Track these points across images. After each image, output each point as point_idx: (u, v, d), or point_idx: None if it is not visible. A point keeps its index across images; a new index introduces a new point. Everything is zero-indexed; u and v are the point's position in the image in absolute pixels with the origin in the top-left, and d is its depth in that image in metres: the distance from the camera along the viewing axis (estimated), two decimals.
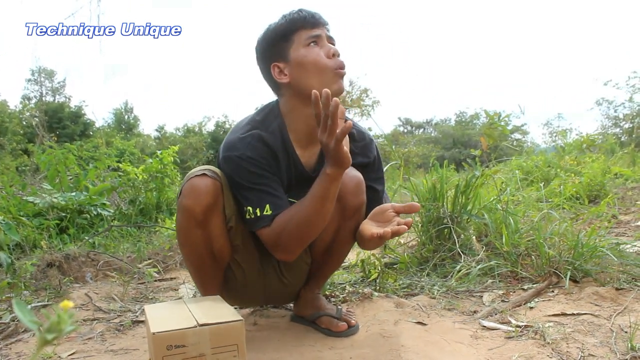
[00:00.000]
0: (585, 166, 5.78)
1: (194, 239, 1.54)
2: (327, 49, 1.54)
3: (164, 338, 1.06)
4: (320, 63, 1.52)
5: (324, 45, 1.55)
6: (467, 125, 35.24)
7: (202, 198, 1.47)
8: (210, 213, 1.50)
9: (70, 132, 23.09)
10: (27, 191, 4.41)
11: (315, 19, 1.55)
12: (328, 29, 1.59)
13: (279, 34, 1.55)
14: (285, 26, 1.54)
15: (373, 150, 1.78)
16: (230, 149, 1.52)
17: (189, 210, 1.48)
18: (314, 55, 1.52)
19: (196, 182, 1.48)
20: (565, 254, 2.23)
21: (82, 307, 2.17)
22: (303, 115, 1.58)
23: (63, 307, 0.32)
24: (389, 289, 2.21)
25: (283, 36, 1.54)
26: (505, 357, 1.46)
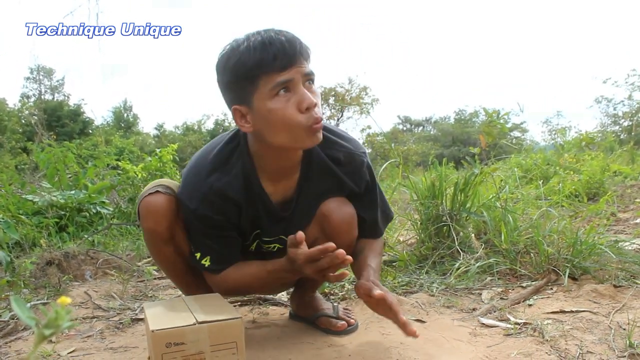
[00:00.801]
0: (585, 164, 5.78)
1: (165, 255, 1.52)
2: (299, 98, 1.26)
3: (163, 336, 1.06)
4: (289, 120, 1.26)
5: (297, 92, 1.26)
6: (467, 123, 35.25)
7: (161, 219, 1.43)
8: (174, 229, 1.47)
9: (69, 131, 23.07)
10: (26, 189, 4.40)
11: (287, 57, 1.23)
12: (306, 63, 1.28)
13: (241, 75, 1.25)
14: (249, 66, 1.23)
15: (364, 175, 1.57)
16: (187, 197, 1.42)
17: (152, 232, 1.45)
18: (281, 110, 1.26)
19: (151, 203, 1.43)
20: (564, 252, 2.23)
21: (82, 305, 2.17)
22: (273, 157, 1.42)
23: (60, 304, 0.32)
24: (388, 286, 2.21)
25: (245, 78, 1.25)
26: (504, 354, 1.46)
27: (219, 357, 1.12)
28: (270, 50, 1.21)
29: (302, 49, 1.26)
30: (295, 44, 1.24)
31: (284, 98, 1.25)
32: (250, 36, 1.26)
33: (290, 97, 1.26)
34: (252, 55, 1.22)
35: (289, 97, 1.26)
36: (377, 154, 26.34)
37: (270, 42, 1.22)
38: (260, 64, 1.22)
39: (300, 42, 1.26)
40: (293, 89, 1.26)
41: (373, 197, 1.62)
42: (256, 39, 1.23)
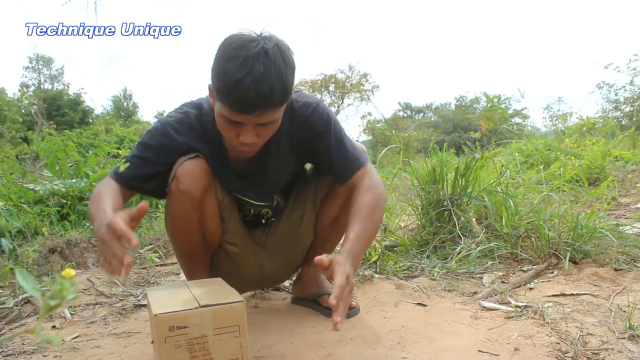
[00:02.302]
0: (586, 149, 5.77)
1: (190, 223, 1.54)
2: (240, 133, 1.34)
3: (166, 319, 1.07)
4: (226, 136, 1.40)
5: (241, 129, 1.33)
6: (467, 110, 35.15)
7: (199, 180, 1.47)
8: (207, 194, 1.51)
9: (69, 120, 23.04)
10: (27, 179, 4.41)
11: (245, 106, 1.26)
12: (267, 113, 1.29)
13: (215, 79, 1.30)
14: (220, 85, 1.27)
15: (321, 116, 1.53)
16: (167, 116, 1.55)
17: (187, 194, 1.47)
18: (223, 127, 1.36)
19: (191, 165, 1.47)
20: (564, 236, 2.24)
21: (85, 292, 2.18)
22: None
23: (65, 275, 0.33)
24: (390, 271, 2.22)
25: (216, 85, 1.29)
26: (505, 336, 1.47)
27: (221, 341, 1.12)
28: (235, 91, 1.23)
29: (270, 100, 1.26)
30: (263, 96, 1.23)
31: (228, 121, 1.33)
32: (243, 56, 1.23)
33: (234, 127, 1.33)
34: (226, 80, 1.24)
35: (233, 125, 1.33)
36: (377, 141, 26.31)
37: (241, 83, 1.22)
38: (225, 94, 1.26)
39: (271, 94, 1.24)
40: (238, 128, 1.33)
41: (338, 136, 1.55)
42: (241, 67, 1.22)
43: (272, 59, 1.24)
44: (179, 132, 1.49)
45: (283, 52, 1.28)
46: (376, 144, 27.03)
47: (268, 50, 1.25)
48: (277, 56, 1.26)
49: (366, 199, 1.45)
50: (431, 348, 1.43)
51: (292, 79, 1.31)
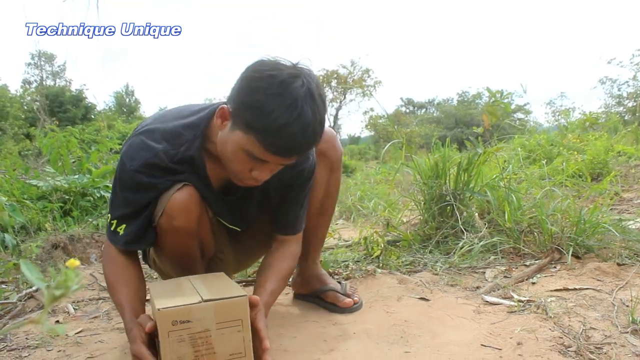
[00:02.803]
0: (588, 144, 5.75)
1: (188, 250, 1.48)
2: (257, 171, 1.28)
3: (169, 314, 1.07)
4: (236, 168, 1.30)
5: (261, 167, 1.27)
6: (470, 105, 35.09)
7: (193, 211, 1.39)
8: (200, 220, 1.44)
9: (71, 116, 23.06)
10: (30, 175, 4.42)
11: (285, 151, 1.20)
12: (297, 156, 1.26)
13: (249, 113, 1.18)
14: (256, 123, 1.17)
15: (309, 169, 1.54)
16: (129, 156, 1.36)
17: (183, 229, 1.39)
18: (238, 160, 1.27)
19: (181, 198, 1.35)
20: (567, 231, 2.24)
21: (88, 287, 2.19)
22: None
23: (69, 265, 0.33)
24: (392, 265, 2.22)
25: (248, 120, 1.19)
26: (507, 330, 1.47)
27: (224, 335, 1.13)
28: (280, 135, 1.16)
29: (312, 146, 1.26)
30: (308, 142, 1.21)
31: (250, 156, 1.24)
32: (290, 97, 1.15)
33: (253, 162, 1.25)
34: (270, 120, 1.15)
35: (253, 161, 1.25)
36: (380, 137, 26.29)
37: (289, 128, 1.15)
38: (266, 135, 1.17)
39: (314, 140, 1.22)
40: (260, 166, 1.27)
41: (302, 196, 1.56)
42: (289, 111, 1.14)
43: (316, 102, 1.18)
44: (153, 176, 1.35)
45: (322, 91, 1.22)
46: (378, 139, 27.04)
47: (313, 91, 1.17)
48: (319, 98, 1.19)
49: (288, 265, 1.54)
50: (434, 342, 1.43)
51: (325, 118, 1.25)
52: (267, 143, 1.17)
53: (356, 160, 15.58)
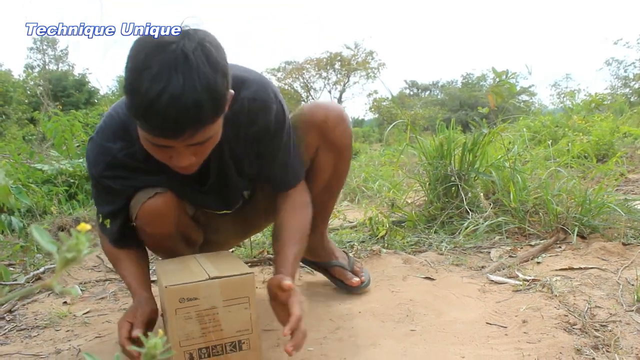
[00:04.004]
0: (594, 125, 5.72)
1: (169, 247, 1.46)
2: (168, 154, 1.11)
3: (176, 291, 1.08)
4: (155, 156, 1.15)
5: (170, 152, 1.10)
6: (474, 87, 34.86)
7: (166, 218, 1.33)
8: (179, 220, 1.40)
9: (74, 101, 23.01)
10: (35, 159, 4.42)
11: (167, 131, 1.02)
12: (196, 133, 1.04)
13: (132, 108, 1.02)
14: (138, 111, 1.00)
15: (274, 112, 1.31)
16: (92, 161, 1.30)
17: (158, 235, 1.37)
18: (149, 148, 1.12)
19: (154, 206, 1.30)
20: (572, 211, 2.23)
21: (94, 269, 2.20)
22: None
23: (80, 229, 0.33)
24: (397, 245, 2.23)
25: (131, 110, 1.04)
26: (513, 309, 1.47)
27: (231, 312, 1.13)
28: (151, 114, 0.98)
29: (198, 119, 1.01)
30: (187, 116, 0.99)
31: (154, 145, 1.10)
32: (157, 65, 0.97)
33: (163, 150, 1.10)
34: (139, 99, 0.99)
35: (161, 149, 1.10)
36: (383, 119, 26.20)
37: (157, 103, 0.96)
38: (141, 117, 1.01)
39: (197, 111, 0.99)
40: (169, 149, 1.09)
41: (281, 146, 1.37)
42: (155, 82, 0.96)
43: (194, 66, 0.98)
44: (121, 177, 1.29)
45: (209, 52, 1.01)
46: (382, 122, 26.95)
47: (188, 54, 0.98)
48: (201, 59, 0.99)
49: (303, 220, 1.42)
50: (439, 321, 1.44)
51: (224, 84, 1.04)
52: (148, 127, 1.02)
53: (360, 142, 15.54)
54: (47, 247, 0.32)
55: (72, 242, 0.31)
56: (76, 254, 0.31)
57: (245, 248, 2.33)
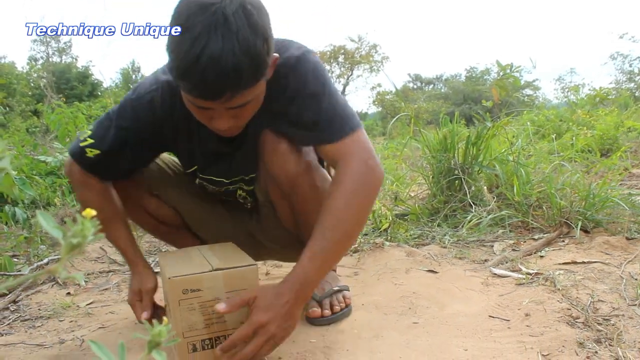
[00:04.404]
0: (598, 120, 5.70)
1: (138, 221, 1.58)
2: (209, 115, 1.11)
3: (179, 282, 1.08)
4: (197, 117, 1.15)
5: (211, 113, 1.10)
6: (478, 81, 34.76)
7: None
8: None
9: (78, 93, 23.01)
10: (39, 151, 4.42)
11: (205, 93, 1.03)
12: (236, 95, 1.03)
13: (173, 69, 1.03)
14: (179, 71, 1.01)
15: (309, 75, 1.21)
16: (135, 89, 1.30)
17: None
18: (191, 109, 1.12)
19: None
20: (576, 205, 2.23)
21: (97, 260, 2.21)
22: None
23: (86, 215, 0.33)
24: (400, 238, 2.23)
25: (172, 71, 1.05)
26: (516, 302, 1.47)
27: None
28: (191, 75, 0.99)
29: (237, 82, 1.01)
30: (226, 78, 0.99)
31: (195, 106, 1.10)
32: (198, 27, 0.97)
33: (203, 111, 1.11)
34: (179, 59, 0.99)
35: (202, 110, 1.10)
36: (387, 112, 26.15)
37: (197, 65, 0.97)
38: (181, 78, 1.02)
39: (237, 74, 0.99)
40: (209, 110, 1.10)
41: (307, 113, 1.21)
42: (195, 43, 0.97)
43: (234, 28, 0.97)
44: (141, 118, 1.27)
45: (249, 14, 0.99)
46: (386, 115, 26.91)
47: (228, 16, 0.97)
48: (242, 22, 0.98)
49: (342, 200, 1.14)
50: (442, 313, 1.44)
51: (265, 47, 1.02)
52: (187, 88, 1.03)
53: None
54: (53, 232, 0.32)
55: (78, 228, 0.31)
56: (81, 240, 0.31)
57: None
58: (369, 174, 1.17)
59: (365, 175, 1.17)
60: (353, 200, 1.14)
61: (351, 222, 1.16)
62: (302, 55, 1.21)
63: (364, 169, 1.17)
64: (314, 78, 1.20)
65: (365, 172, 1.17)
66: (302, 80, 1.19)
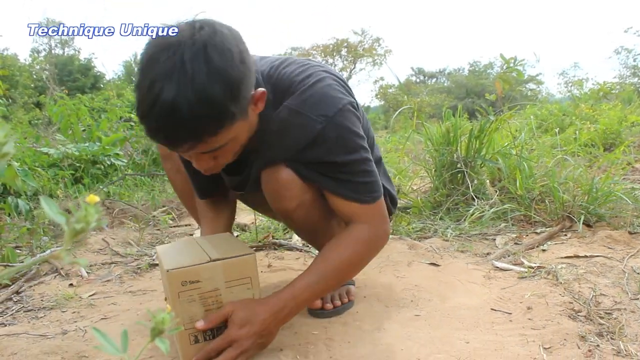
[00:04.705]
0: (602, 114, 5.68)
1: (167, 173, 1.62)
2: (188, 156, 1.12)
3: (178, 275, 1.08)
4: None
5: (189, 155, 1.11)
6: (481, 75, 34.65)
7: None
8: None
9: (80, 85, 22.99)
10: (41, 143, 4.43)
11: (169, 146, 1.01)
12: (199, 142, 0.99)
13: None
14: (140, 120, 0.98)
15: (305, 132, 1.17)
16: None
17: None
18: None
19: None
20: (579, 199, 2.22)
21: (100, 252, 2.21)
22: None
23: (89, 201, 0.33)
24: (403, 231, 2.23)
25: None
26: (518, 295, 1.47)
27: (234, 293, 1.14)
28: (146, 128, 0.98)
29: (194, 135, 0.97)
30: (177, 134, 0.96)
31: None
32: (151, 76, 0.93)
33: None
34: (137, 110, 0.97)
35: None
36: (390, 106, 26.10)
37: (148, 119, 0.95)
38: (144, 128, 0.99)
39: (192, 128, 0.95)
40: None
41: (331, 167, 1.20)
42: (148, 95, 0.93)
43: (189, 75, 0.91)
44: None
45: (209, 59, 0.93)
46: (388, 108, 26.84)
47: (186, 62, 0.91)
48: (199, 67, 0.92)
49: (347, 253, 1.21)
50: (444, 306, 1.44)
51: (227, 94, 0.95)
52: (147, 134, 0.99)
53: None
54: (56, 218, 0.32)
55: (81, 214, 0.31)
56: (85, 226, 0.31)
57: (251, 232, 2.33)
58: (382, 239, 1.29)
59: (380, 239, 1.28)
60: (359, 258, 1.25)
61: (350, 274, 1.29)
62: (334, 119, 1.15)
63: (381, 234, 1.27)
64: (345, 148, 1.18)
65: (382, 237, 1.28)
66: (331, 150, 1.17)
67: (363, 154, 1.21)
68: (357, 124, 1.21)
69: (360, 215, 1.23)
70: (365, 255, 1.26)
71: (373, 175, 1.23)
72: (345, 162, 1.18)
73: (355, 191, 1.21)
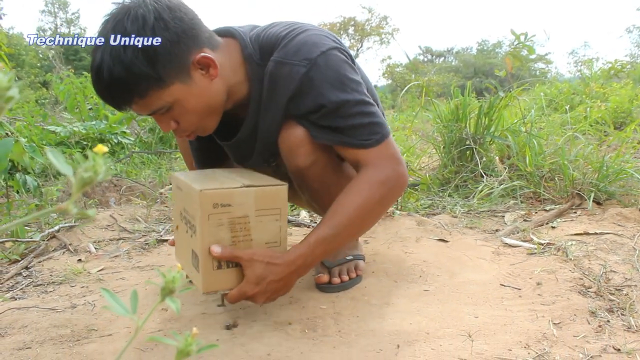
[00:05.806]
0: (612, 92, 5.60)
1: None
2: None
3: (212, 195, 1.04)
4: None
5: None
6: (489, 54, 34.33)
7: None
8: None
9: (86, 64, 22.91)
10: (48, 122, 4.43)
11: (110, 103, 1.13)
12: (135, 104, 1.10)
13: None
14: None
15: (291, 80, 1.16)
16: None
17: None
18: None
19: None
20: (589, 176, 2.20)
21: (108, 228, 2.22)
22: None
23: (97, 151, 0.31)
24: (411, 208, 2.22)
25: None
26: (527, 271, 1.46)
27: (262, 222, 1.11)
28: (100, 98, 1.12)
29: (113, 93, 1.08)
30: (107, 91, 1.08)
31: None
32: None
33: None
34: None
35: None
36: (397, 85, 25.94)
37: (92, 81, 1.09)
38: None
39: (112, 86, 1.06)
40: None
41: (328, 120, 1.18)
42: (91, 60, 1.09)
43: (109, 42, 1.04)
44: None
45: (126, 23, 1.03)
46: (395, 87, 26.70)
47: (108, 30, 1.04)
48: (118, 34, 1.03)
49: (359, 199, 1.16)
50: (453, 282, 1.43)
51: (142, 56, 1.03)
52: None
53: None
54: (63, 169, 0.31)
55: (89, 164, 0.30)
56: (93, 175, 0.30)
57: None
58: (397, 180, 1.20)
59: (393, 180, 1.19)
60: (372, 203, 1.17)
61: (366, 221, 1.22)
62: (317, 60, 1.14)
63: (393, 174, 1.19)
64: (333, 88, 1.15)
65: (395, 178, 1.19)
66: (319, 92, 1.15)
67: (356, 95, 1.16)
68: (347, 67, 1.18)
69: (367, 160, 1.18)
70: (378, 199, 1.17)
71: (372, 115, 1.18)
72: (337, 104, 1.14)
73: (355, 136, 1.17)
